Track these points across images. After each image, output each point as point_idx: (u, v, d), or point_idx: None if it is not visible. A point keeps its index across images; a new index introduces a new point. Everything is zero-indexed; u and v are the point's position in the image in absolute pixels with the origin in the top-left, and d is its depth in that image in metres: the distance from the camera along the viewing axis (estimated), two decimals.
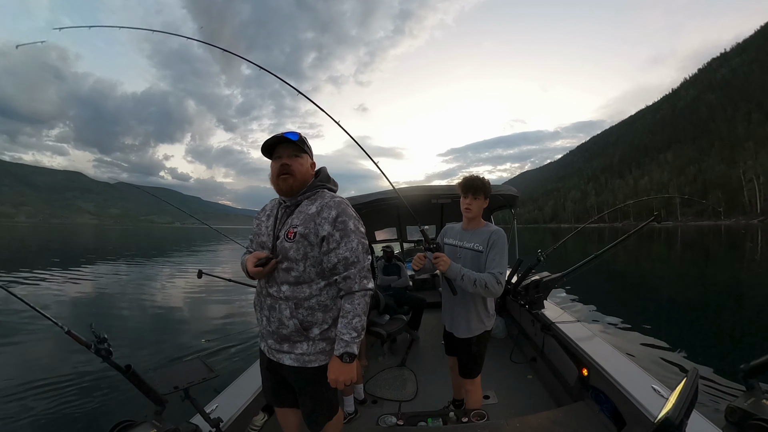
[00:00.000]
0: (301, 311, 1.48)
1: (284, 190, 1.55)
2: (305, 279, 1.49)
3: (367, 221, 5.27)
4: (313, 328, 1.50)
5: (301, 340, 1.50)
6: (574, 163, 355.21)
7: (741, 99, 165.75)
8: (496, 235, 2.19)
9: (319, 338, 1.51)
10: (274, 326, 1.51)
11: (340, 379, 1.44)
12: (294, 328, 1.48)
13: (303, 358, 1.51)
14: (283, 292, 1.49)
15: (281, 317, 1.49)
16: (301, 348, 1.51)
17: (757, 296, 10.60)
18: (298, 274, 1.49)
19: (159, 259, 22.22)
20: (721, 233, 49.55)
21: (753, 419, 0.99)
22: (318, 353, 1.52)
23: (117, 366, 1.56)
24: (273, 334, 1.53)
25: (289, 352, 1.52)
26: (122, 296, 10.41)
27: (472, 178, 2.26)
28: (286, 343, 1.51)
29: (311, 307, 1.49)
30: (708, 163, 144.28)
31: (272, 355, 1.57)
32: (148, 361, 5.37)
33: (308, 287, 1.50)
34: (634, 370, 2.30)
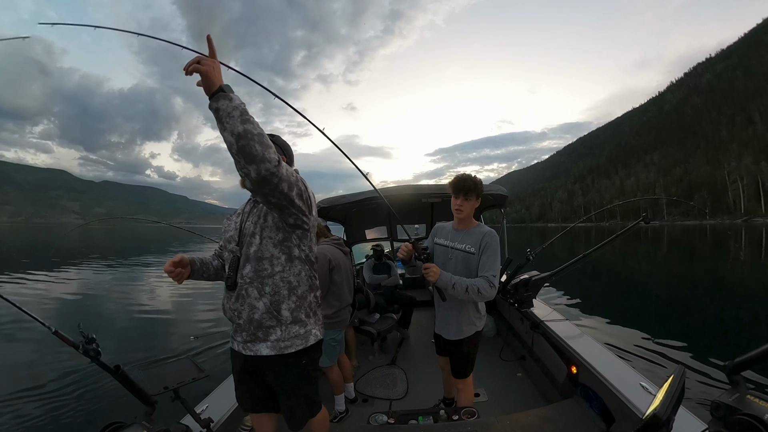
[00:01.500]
0: (267, 289, 1.47)
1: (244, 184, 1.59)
2: (264, 254, 1.49)
3: (357, 220, 5.25)
4: (282, 309, 1.49)
5: (273, 324, 1.48)
6: (561, 163, 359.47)
7: (725, 103, 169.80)
8: (488, 237, 2.16)
9: (291, 321, 1.50)
10: (245, 315, 1.48)
11: (204, 67, 1.21)
12: (265, 309, 1.46)
13: (279, 344, 1.49)
14: (248, 275, 1.49)
15: (251, 301, 1.48)
16: (275, 334, 1.49)
17: (742, 294, 10.87)
18: (256, 248, 1.49)
19: (146, 259, 21.92)
20: (707, 233, 50.42)
21: (738, 414, 1.01)
22: (293, 338, 1.51)
23: (106, 366, 1.54)
24: (246, 325, 1.50)
25: (265, 339, 1.49)
26: (109, 296, 10.28)
27: (463, 179, 2.21)
28: (260, 331, 1.49)
29: (276, 284, 1.48)
30: (693, 165, 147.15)
31: (248, 349, 1.53)
32: (137, 361, 5.30)
33: (269, 263, 1.49)
34: (622, 368, 2.34)
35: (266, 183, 1.22)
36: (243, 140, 1.15)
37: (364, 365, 3.88)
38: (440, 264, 2.29)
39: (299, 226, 1.51)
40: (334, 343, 2.91)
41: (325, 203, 4.09)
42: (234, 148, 1.16)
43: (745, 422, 0.99)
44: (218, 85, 1.22)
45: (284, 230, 1.51)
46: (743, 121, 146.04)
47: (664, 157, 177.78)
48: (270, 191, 1.26)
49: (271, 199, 1.32)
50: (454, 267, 2.22)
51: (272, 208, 1.42)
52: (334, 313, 2.87)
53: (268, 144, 1.20)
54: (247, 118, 1.18)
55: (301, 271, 1.56)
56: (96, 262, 19.42)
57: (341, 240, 3.19)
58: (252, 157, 1.16)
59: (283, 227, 1.51)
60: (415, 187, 4.39)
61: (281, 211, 1.41)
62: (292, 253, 1.53)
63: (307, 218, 1.52)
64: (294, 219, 1.46)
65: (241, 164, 1.18)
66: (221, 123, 1.19)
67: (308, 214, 1.51)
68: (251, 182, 1.21)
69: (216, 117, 1.21)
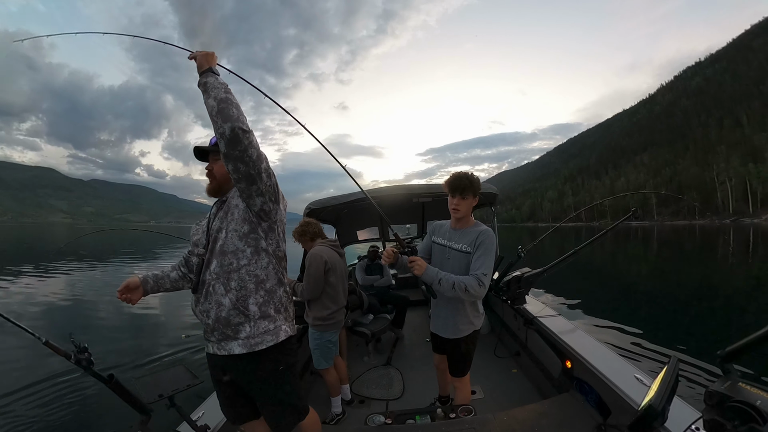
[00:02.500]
0: (232, 284, 1.45)
1: (209, 191, 1.64)
2: (229, 247, 1.47)
3: (348, 221, 5.22)
4: (249, 303, 1.46)
5: (242, 321, 1.46)
6: (552, 163, 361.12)
7: (714, 106, 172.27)
8: (483, 235, 2.13)
9: (259, 316, 1.48)
10: (213, 314, 1.46)
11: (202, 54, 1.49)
12: (231, 305, 1.44)
13: (249, 342, 1.46)
14: (213, 271, 1.47)
15: (217, 298, 1.46)
16: (244, 331, 1.46)
17: (730, 288, 11.19)
18: (221, 242, 1.48)
19: (136, 261, 21.65)
20: (696, 232, 51.18)
21: (730, 402, 1.02)
22: (262, 333, 1.48)
23: (99, 376, 1.51)
24: (215, 324, 1.47)
25: (235, 337, 1.46)
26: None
27: (459, 177, 2.17)
28: (229, 329, 1.46)
29: (242, 278, 1.46)
30: (683, 165, 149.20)
31: (222, 348, 1.50)
32: (130, 366, 5.22)
33: (234, 257, 1.47)
34: (616, 361, 2.37)
35: (238, 141, 1.32)
36: (223, 104, 1.34)
37: (360, 366, 3.87)
38: (439, 263, 2.28)
39: (266, 214, 1.49)
40: (330, 344, 2.90)
41: (315, 204, 4.06)
42: (215, 110, 1.33)
43: (737, 409, 1.00)
44: (209, 65, 1.47)
45: (249, 222, 1.49)
46: (731, 123, 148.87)
47: (654, 158, 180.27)
48: (240, 153, 1.33)
49: (240, 165, 1.34)
50: (452, 267, 2.19)
51: (242, 179, 1.38)
52: (329, 315, 2.85)
53: (243, 114, 1.36)
54: (229, 91, 1.40)
55: (269, 264, 1.53)
56: (85, 264, 19.17)
57: (337, 242, 3.18)
58: (228, 117, 1.32)
59: (249, 219, 1.49)
60: (405, 187, 4.38)
61: (250, 183, 1.39)
62: (259, 246, 1.50)
63: (273, 206, 1.50)
64: (261, 202, 1.45)
65: (218, 124, 1.32)
66: (207, 93, 1.38)
67: (275, 202, 1.50)
68: (225, 141, 1.31)
69: (203, 90, 1.40)
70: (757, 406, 0.97)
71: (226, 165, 1.37)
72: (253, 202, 1.45)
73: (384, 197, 4.22)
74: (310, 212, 3.93)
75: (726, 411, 1.02)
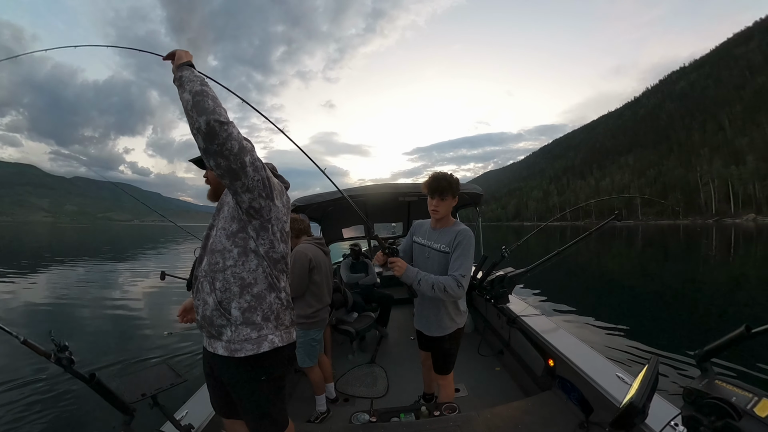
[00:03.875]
0: (217, 284, 1.40)
1: (209, 197, 1.66)
2: (217, 246, 1.43)
3: (333, 219, 5.22)
4: (232, 308, 1.39)
5: (224, 323, 1.40)
6: (537, 164, 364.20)
7: (697, 110, 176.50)
8: (461, 235, 2.13)
9: (241, 322, 1.39)
10: (201, 311, 1.44)
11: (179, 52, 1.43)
12: (213, 305, 1.39)
13: (230, 346, 1.39)
14: (203, 269, 1.46)
15: (203, 296, 1.43)
16: (226, 334, 1.40)
17: (711, 287, 11.49)
18: (211, 240, 1.46)
19: (119, 260, 21.24)
20: (680, 232, 52.20)
21: (708, 398, 1.08)
22: (243, 341, 1.39)
23: (80, 375, 1.47)
24: (203, 321, 1.44)
25: (218, 338, 1.42)
26: (82, 300, 9.88)
27: (438, 179, 2.17)
28: (213, 328, 1.42)
29: (226, 279, 1.39)
30: (667, 167, 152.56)
31: (210, 345, 1.47)
32: (113, 365, 5.14)
33: (221, 257, 1.41)
34: (598, 360, 2.41)
35: (215, 135, 1.21)
36: (198, 96, 1.24)
37: (344, 365, 3.88)
38: (419, 263, 2.31)
39: (257, 212, 1.39)
40: (314, 343, 2.90)
41: (300, 201, 4.06)
42: (189, 104, 1.23)
43: (714, 405, 1.05)
44: (188, 60, 1.39)
45: (239, 220, 1.41)
46: (714, 127, 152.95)
47: (639, 159, 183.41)
48: (219, 148, 1.22)
49: (220, 160, 1.24)
50: (431, 266, 2.21)
51: (224, 175, 1.29)
52: (313, 313, 2.86)
53: (220, 105, 1.27)
54: (206, 83, 1.31)
55: (258, 267, 1.42)
56: (66, 262, 18.78)
57: (323, 240, 3.17)
58: (203, 110, 1.22)
59: (238, 216, 1.41)
60: (391, 186, 4.42)
61: (234, 178, 1.29)
62: (247, 246, 1.41)
63: (265, 203, 1.39)
64: (249, 198, 1.35)
65: (194, 118, 1.22)
66: (182, 87, 1.29)
67: (267, 198, 1.40)
68: (202, 136, 1.22)
69: (179, 84, 1.31)
70: (733, 402, 1.02)
71: (207, 162, 1.28)
72: (240, 199, 1.35)
73: (370, 196, 4.23)
74: (294, 209, 3.92)
75: (703, 407, 1.08)
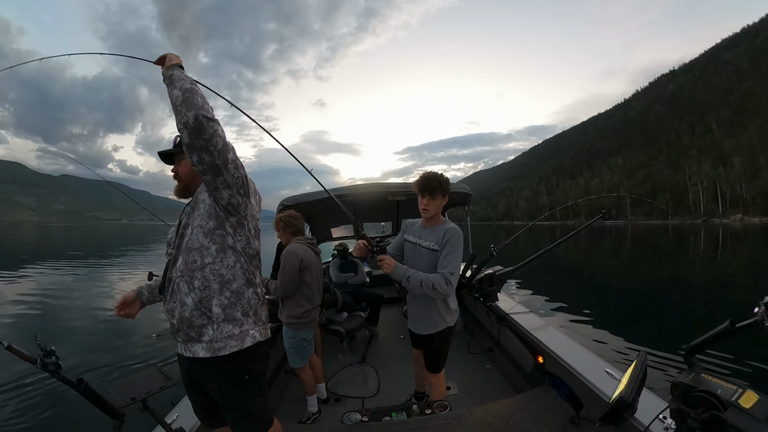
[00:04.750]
0: (196, 283, 1.38)
1: (177, 192, 1.61)
2: (194, 244, 1.41)
3: (322, 219, 5.24)
4: (213, 305, 1.39)
5: (204, 323, 1.39)
6: (527, 164, 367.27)
7: (686, 112, 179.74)
8: (450, 233, 2.16)
9: (223, 319, 1.40)
10: (177, 313, 1.40)
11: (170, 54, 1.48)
12: (193, 305, 1.38)
13: (212, 345, 1.39)
14: (179, 269, 1.41)
15: (181, 297, 1.39)
16: (207, 334, 1.39)
17: (699, 284, 11.72)
18: (187, 238, 1.44)
19: (107, 260, 20.87)
20: (669, 231, 52.86)
21: (694, 391, 1.12)
22: (226, 338, 1.40)
23: (68, 381, 1.44)
24: (180, 324, 1.41)
25: (199, 339, 1.40)
26: (69, 302, 9.68)
27: (428, 178, 2.20)
28: (192, 330, 1.39)
29: (206, 277, 1.39)
30: (656, 168, 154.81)
31: (187, 350, 1.43)
32: (101, 370, 5.05)
33: (198, 254, 1.40)
34: (587, 356, 2.44)
35: (202, 130, 1.25)
36: (188, 93, 1.30)
37: (335, 364, 3.88)
38: (410, 261, 2.34)
39: (235, 208, 1.42)
40: (305, 343, 2.89)
41: (289, 201, 4.03)
42: (179, 99, 1.28)
43: (700, 398, 1.09)
44: (176, 62, 1.43)
45: (216, 217, 1.43)
46: (702, 129, 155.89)
47: (628, 160, 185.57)
48: (204, 143, 1.26)
49: (204, 155, 1.27)
50: (422, 264, 2.24)
51: (207, 171, 1.31)
52: (303, 313, 2.84)
53: (208, 103, 1.33)
54: (195, 83, 1.37)
55: (236, 263, 1.44)
56: (53, 263, 18.43)
57: (314, 240, 3.16)
58: (192, 105, 1.27)
59: (215, 214, 1.42)
60: (380, 185, 4.44)
61: (216, 174, 1.32)
62: (225, 243, 1.43)
63: (243, 200, 1.43)
64: (228, 195, 1.38)
65: (182, 113, 1.26)
66: (172, 84, 1.33)
67: (244, 195, 1.43)
68: (189, 130, 1.25)
69: (169, 82, 1.35)
70: (718, 394, 1.06)
71: (190, 157, 1.30)
72: (220, 195, 1.37)
73: (359, 195, 4.24)
74: (283, 209, 3.88)
75: (690, 400, 1.12)
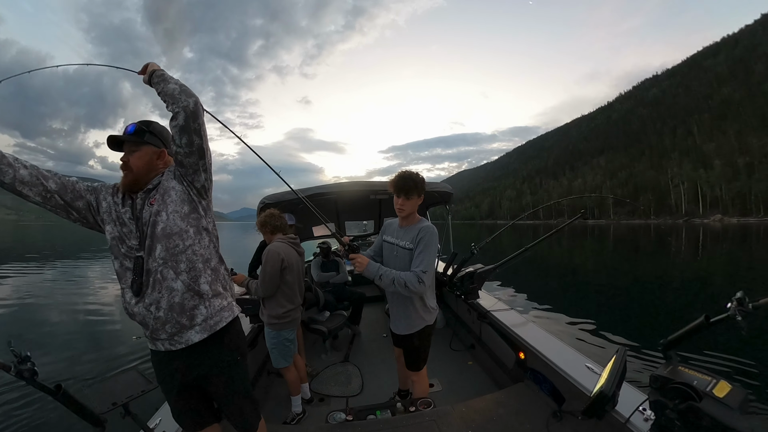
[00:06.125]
0: (182, 266, 1.41)
1: (124, 185, 1.49)
2: (174, 229, 1.41)
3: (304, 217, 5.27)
4: (201, 284, 1.44)
5: (197, 303, 1.42)
6: (510, 164, 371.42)
7: (668, 116, 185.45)
8: (423, 231, 2.17)
9: (212, 295, 1.47)
10: (165, 303, 1.38)
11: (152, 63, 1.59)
12: (184, 288, 1.40)
13: (208, 323, 1.44)
14: (160, 257, 1.38)
15: (168, 284, 1.38)
16: (201, 314, 1.43)
17: (677, 282, 12.01)
18: (164, 224, 1.41)
19: (86, 260, 20.17)
20: (651, 231, 53.77)
21: (672, 384, 1.17)
22: (219, 311, 1.49)
23: (45, 388, 1.38)
24: (169, 314, 1.38)
25: (191, 325, 1.41)
26: (45, 304, 9.33)
27: (404, 178, 2.21)
28: (184, 317, 1.40)
29: (189, 259, 1.42)
30: (639, 169, 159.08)
31: (176, 343, 1.42)
32: (81, 376, 4.85)
33: (180, 239, 1.42)
34: (567, 351, 2.49)
35: (198, 114, 1.42)
36: (183, 85, 1.44)
37: (318, 364, 3.86)
38: (388, 261, 2.36)
39: (206, 191, 1.54)
40: (287, 342, 2.85)
41: (269, 199, 3.97)
42: (177, 90, 1.41)
43: (678, 389, 1.15)
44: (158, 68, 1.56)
45: (190, 201, 1.49)
46: (684, 133, 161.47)
47: (611, 161, 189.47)
48: (198, 126, 1.41)
49: (195, 138, 1.42)
50: (400, 264, 2.25)
51: (194, 152, 1.44)
52: (284, 313, 2.80)
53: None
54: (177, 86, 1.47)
55: (210, 243, 1.53)
56: (29, 263, 17.85)
57: (297, 239, 3.10)
58: (191, 93, 1.42)
59: (188, 199, 1.48)
60: (362, 183, 4.43)
61: (200, 157, 1.46)
62: (200, 225, 1.50)
63: (209, 184, 1.55)
64: (204, 177, 1.50)
65: (183, 99, 1.39)
66: (166, 81, 1.47)
67: (210, 180, 1.55)
68: (188, 113, 1.38)
69: (161, 79, 1.48)
70: (694, 385, 1.13)
71: (180, 138, 1.40)
72: (198, 178, 1.49)
73: (341, 193, 4.22)
74: (264, 207, 3.82)
75: (668, 392, 1.18)
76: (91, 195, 1.51)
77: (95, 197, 1.51)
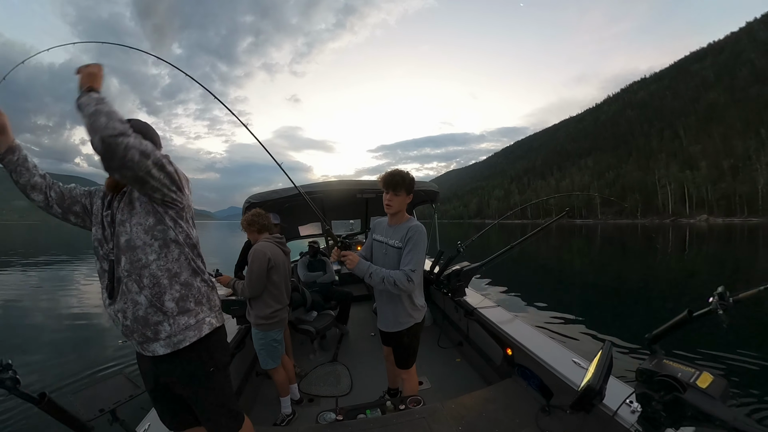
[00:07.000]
0: (145, 281, 1.35)
1: (108, 185, 1.49)
2: (136, 242, 1.36)
3: (291, 216, 5.27)
4: (166, 301, 1.37)
5: (160, 319, 1.36)
6: (498, 164, 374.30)
7: (656, 118, 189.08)
8: (412, 230, 2.19)
9: (177, 312, 1.39)
10: (130, 314, 1.35)
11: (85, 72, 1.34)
12: (147, 303, 1.35)
13: (171, 340, 1.38)
14: (125, 269, 1.35)
15: (132, 297, 1.35)
16: (165, 330, 1.37)
17: (662, 279, 12.23)
18: (127, 236, 1.36)
19: (70, 261, 19.70)
20: (638, 230, 54.77)
21: (657, 376, 1.20)
22: (183, 330, 1.40)
23: (28, 396, 1.35)
24: (134, 325, 1.36)
25: (156, 338, 1.37)
26: (27, 308, 9.08)
27: (392, 174, 2.24)
28: (148, 330, 1.36)
29: (153, 274, 1.36)
30: (626, 169, 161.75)
31: (145, 350, 1.40)
32: (64, 385, 4.68)
33: (142, 252, 1.36)
34: (554, 347, 2.53)
35: (112, 150, 1.18)
36: (93, 117, 1.19)
37: (306, 364, 3.84)
38: (378, 260, 2.36)
39: (172, 204, 1.41)
40: (275, 343, 2.84)
41: (255, 198, 3.94)
42: (87, 127, 1.20)
43: (663, 382, 1.18)
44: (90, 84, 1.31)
45: (155, 213, 1.39)
46: (671, 135, 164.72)
47: (598, 161, 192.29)
48: (120, 163, 1.20)
49: (125, 172, 1.23)
50: (390, 263, 2.26)
51: (134, 184, 1.32)
52: (271, 314, 2.78)
53: (116, 117, 1.21)
54: (102, 101, 1.24)
55: (180, 255, 1.43)
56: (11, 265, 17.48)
57: (284, 239, 3.08)
58: (96, 128, 1.17)
59: (152, 210, 1.39)
60: (349, 182, 4.42)
61: (142, 184, 1.30)
62: (167, 237, 1.40)
63: (177, 194, 1.40)
64: (161, 195, 1.35)
65: (92, 141, 1.19)
66: (81, 113, 1.23)
67: (177, 190, 1.40)
68: (101, 155, 1.19)
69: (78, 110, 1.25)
70: (678, 377, 1.16)
71: (112, 177, 1.33)
72: (153, 198, 1.37)
73: (328, 192, 4.21)
74: (249, 206, 3.79)
75: (654, 384, 1.20)
76: (86, 199, 1.54)
77: (90, 200, 1.54)
